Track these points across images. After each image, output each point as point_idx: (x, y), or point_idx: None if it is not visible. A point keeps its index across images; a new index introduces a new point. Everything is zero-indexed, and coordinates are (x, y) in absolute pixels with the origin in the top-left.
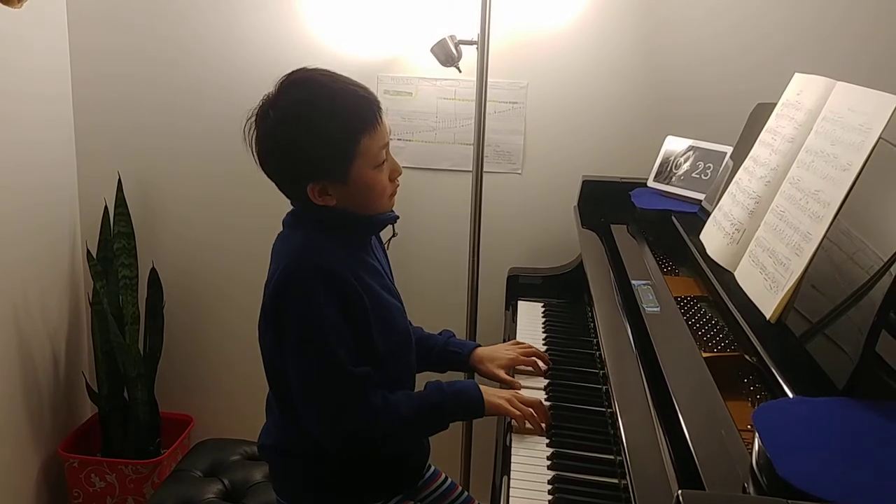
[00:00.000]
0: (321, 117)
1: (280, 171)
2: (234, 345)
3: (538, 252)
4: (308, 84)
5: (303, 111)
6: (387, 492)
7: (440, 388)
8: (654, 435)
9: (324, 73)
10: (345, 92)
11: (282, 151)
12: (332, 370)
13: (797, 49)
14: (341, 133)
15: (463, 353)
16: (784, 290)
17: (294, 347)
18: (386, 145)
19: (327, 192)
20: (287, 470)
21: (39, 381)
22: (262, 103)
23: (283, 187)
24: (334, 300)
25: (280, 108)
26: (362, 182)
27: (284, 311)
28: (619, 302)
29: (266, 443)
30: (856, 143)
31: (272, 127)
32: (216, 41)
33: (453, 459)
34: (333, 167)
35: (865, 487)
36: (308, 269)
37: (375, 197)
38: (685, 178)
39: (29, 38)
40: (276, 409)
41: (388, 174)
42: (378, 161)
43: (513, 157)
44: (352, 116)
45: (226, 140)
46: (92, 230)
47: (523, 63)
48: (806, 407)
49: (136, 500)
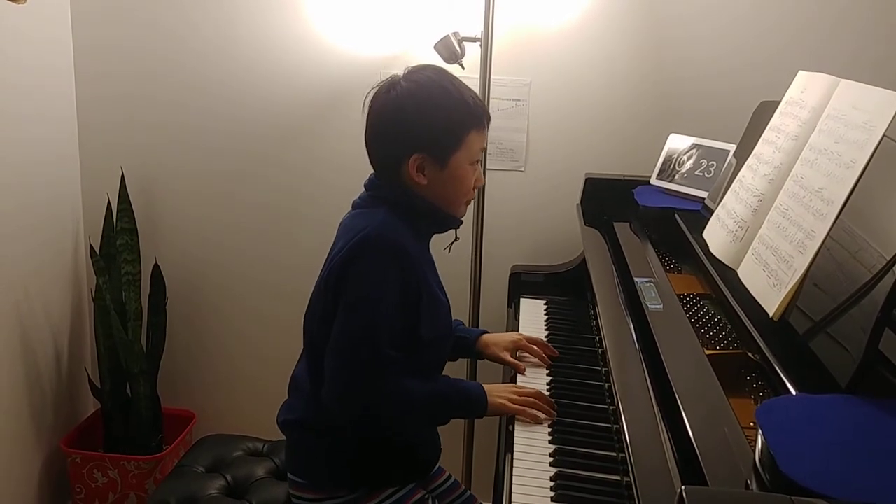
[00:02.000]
0: (447, 99)
1: (391, 139)
2: (237, 341)
3: (541, 249)
4: (440, 72)
5: (434, 89)
6: (400, 479)
7: (450, 384)
8: (657, 432)
9: (452, 74)
10: (469, 90)
11: (403, 116)
12: (368, 337)
13: (801, 47)
14: (458, 119)
15: (470, 339)
16: (787, 287)
17: (347, 304)
18: (483, 150)
19: (424, 171)
20: (307, 445)
21: (42, 376)
22: (392, 76)
23: (386, 153)
24: (399, 279)
25: (413, 80)
26: (457, 173)
27: (351, 274)
28: (621, 299)
29: (289, 418)
30: (859, 141)
31: (401, 94)
32: (220, 37)
33: (455, 459)
34: (440, 147)
35: (868, 484)
36: (386, 241)
37: (460, 193)
38: (688, 176)
39: (32, 34)
40: (308, 384)
41: (474, 180)
42: (475, 158)
43: (516, 154)
44: (469, 110)
45: (229, 136)
46: (95, 226)
47: (527, 60)
48: (809, 404)
49: (139, 495)
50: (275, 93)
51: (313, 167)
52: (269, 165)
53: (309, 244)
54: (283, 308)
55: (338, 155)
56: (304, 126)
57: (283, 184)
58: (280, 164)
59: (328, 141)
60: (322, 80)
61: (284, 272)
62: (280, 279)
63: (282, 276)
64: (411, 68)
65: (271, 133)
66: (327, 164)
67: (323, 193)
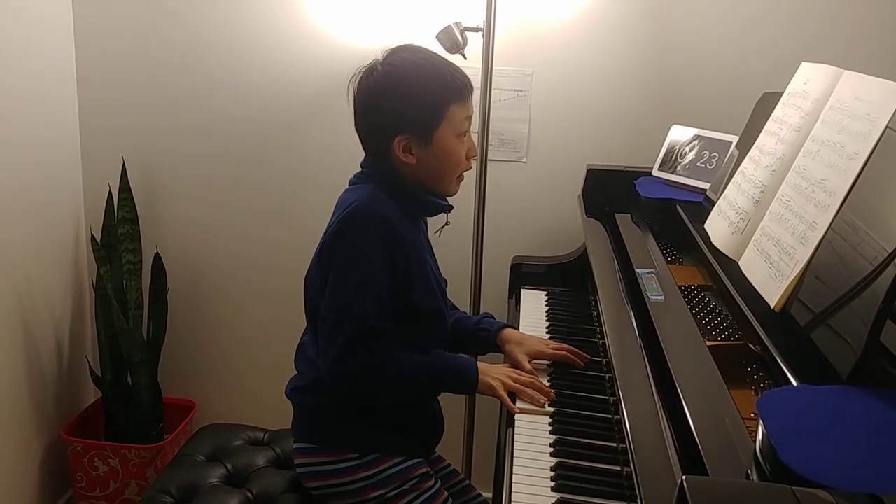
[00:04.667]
0: (421, 76)
1: (375, 122)
2: (238, 330)
3: (542, 240)
4: (416, 51)
5: (408, 69)
6: (406, 451)
7: (443, 359)
8: (658, 423)
9: (429, 50)
10: (445, 64)
11: (381, 102)
12: (357, 306)
13: (804, 38)
14: (435, 95)
15: (491, 331)
16: (789, 279)
17: (336, 275)
18: (469, 118)
19: (411, 150)
20: (317, 407)
21: (43, 365)
22: (371, 61)
23: (372, 139)
24: (384, 248)
25: (388, 63)
26: (444, 147)
27: (339, 246)
28: (623, 290)
29: (298, 385)
30: (862, 132)
31: (378, 78)
32: (220, 25)
33: (455, 449)
34: (421, 125)
35: (868, 474)
36: (371, 215)
37: (450, 167)
38: (690, 168)
39: (33, 15)
40: (314, 350)
41: (466, 152)
42: (460, 130)
43: (517, 145)
44: (446, 84)
45: (231, 124)
46: (96, 215)
47: (529, 51)
48: (810, 395)
49: (139, 484)
50: (276, 80)
51: (314, 154)
52: (271, 153)
53: (311, 234)
54: (286, 297)
55: (339, 140)
56: (304, 113)
57: (283, 172)
58: (280, 153)
59: (329, 128)
60: (322, 70)
61: (287, 261)
62: (282, 268)
63: (284, 265)
64: (389, 50)
65: (272, 120)
66: (328, 150)
67: (324, 180)
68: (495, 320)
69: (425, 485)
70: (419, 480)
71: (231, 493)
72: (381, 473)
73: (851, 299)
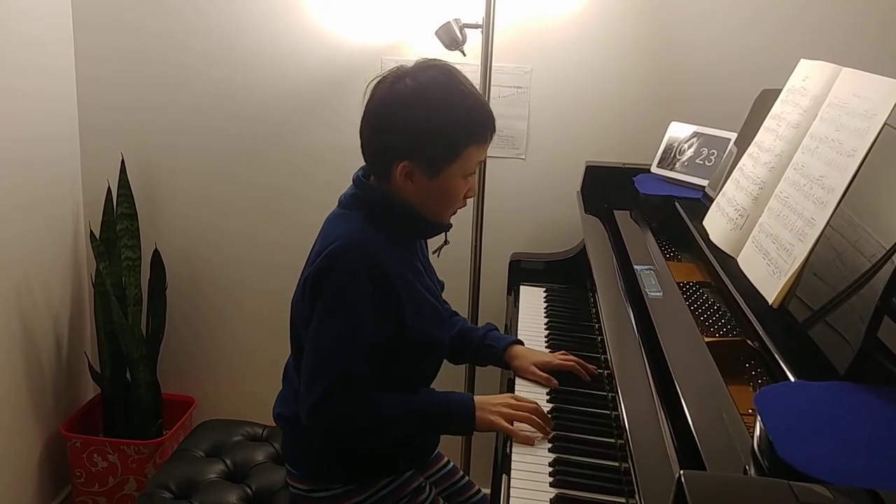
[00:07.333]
0: (448, 107)
1: (384, 138)
2: (237, 326)
3: (541, 237)
4: (448, 74)
5: (437, 94)
6: (398, 467)
7: (434, 399)
8: (656, 418)
9: (461, 73)
10: (476, 98)
11: (397, 120)
12: (341, 350)
13: (803, 35)
14: (457, 132)
15: (498, 348)
16: (787, 275)
17: (319, 321)
18: (480, 164)
19: (412, 178)
20: (299, 440)
21: (42, 361)
22: (398, 68)
23: (374, 155)
24: (372, 290)
25: (418, 80)
26: (447, 184)
27: (324, 286)
28: (621, 287)
29: (283, 412)
30: (861, 129)
31: (403, 92)
32: (219, 20)
33: (454, 445)
34: (433, 158)
35: (865, 469)
36: (359, 253)
37: (447, 205)
38: (689, 164)
39: (32, 12)
40: (295, 379)
41: (466, 192)
42: (469, 171)
43: (516, 142)
44: (471, 123)
45: (230, 120)
46: (95, 211)
47: (528, 47)
48: (807, 391)
49: (138, 479)
50: (275, 77)
51: (314, 151)
52: (270, 150)
53: (310, 229)
54: (284, 293)
55: (338, 139)
56: (304, 110)
57: (282, 169)
58: (279, 150)
59: (329, 125)
60: (321, 66)
61: (285, 257)
62: (281, 264)
63: (283, 261)
64: (420, 63)
65: (271, 117)
66: (328, 147)
67: (323, 177)
68: (501, 334)
69: (418, 498)
70: (412, 496)
71: (230, 489)
72: (373, 497)
73: (849, 296)
